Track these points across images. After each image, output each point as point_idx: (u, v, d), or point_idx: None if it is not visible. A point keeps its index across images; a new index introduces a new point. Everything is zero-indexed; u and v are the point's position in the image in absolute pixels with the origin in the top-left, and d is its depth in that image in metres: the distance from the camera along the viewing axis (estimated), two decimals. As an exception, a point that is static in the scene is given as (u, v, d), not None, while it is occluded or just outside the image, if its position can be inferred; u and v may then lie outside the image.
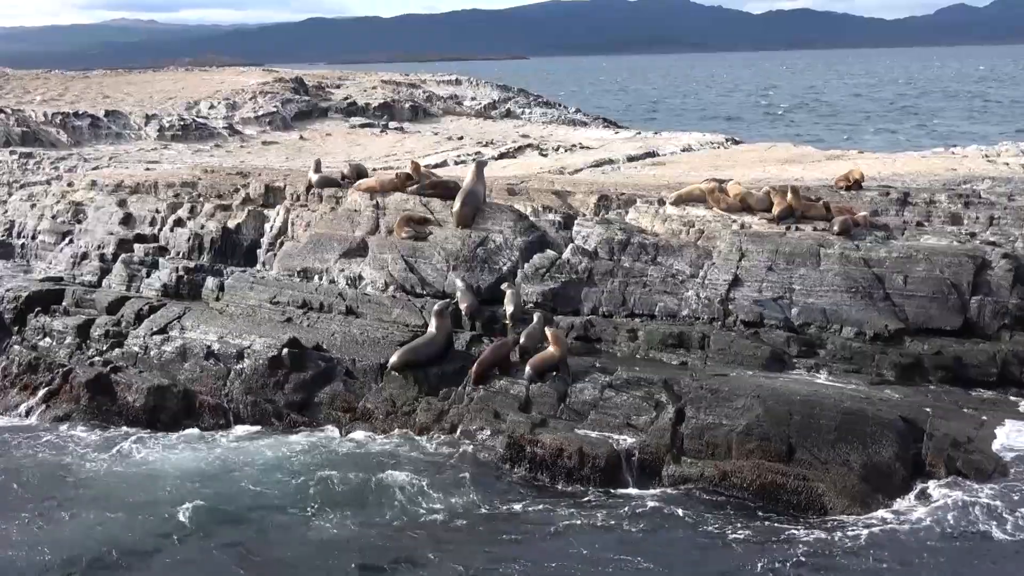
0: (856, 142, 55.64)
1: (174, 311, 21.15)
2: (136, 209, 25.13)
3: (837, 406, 15.55)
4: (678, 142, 38.14)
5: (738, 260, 19.61)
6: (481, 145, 37.14)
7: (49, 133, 35.51)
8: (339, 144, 37.74)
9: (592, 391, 17.15)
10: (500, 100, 51.72)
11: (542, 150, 36.18)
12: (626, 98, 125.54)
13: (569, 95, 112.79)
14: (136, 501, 15.72)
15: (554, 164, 31.58)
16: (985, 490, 14.45)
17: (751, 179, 24.76)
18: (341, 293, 20.98)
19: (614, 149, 35.46)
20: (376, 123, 42.76)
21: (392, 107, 46.04)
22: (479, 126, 44.64)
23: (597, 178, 27.27)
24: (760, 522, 14.44)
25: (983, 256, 18.79)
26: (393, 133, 41.07)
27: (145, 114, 38.71)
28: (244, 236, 23.52)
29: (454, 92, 52.37)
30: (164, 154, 34.36)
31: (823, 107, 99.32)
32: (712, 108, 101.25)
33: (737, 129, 64.68)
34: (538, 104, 52.60)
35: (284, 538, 14.61)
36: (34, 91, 44.38)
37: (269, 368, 19.13)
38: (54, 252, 25.19)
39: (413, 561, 13.86)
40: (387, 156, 34.28)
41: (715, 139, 39.37)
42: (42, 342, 21.54)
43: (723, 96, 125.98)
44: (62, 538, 14.68)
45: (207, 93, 44.16)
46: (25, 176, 31.29)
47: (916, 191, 22.25)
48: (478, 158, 28.89)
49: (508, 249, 20.83)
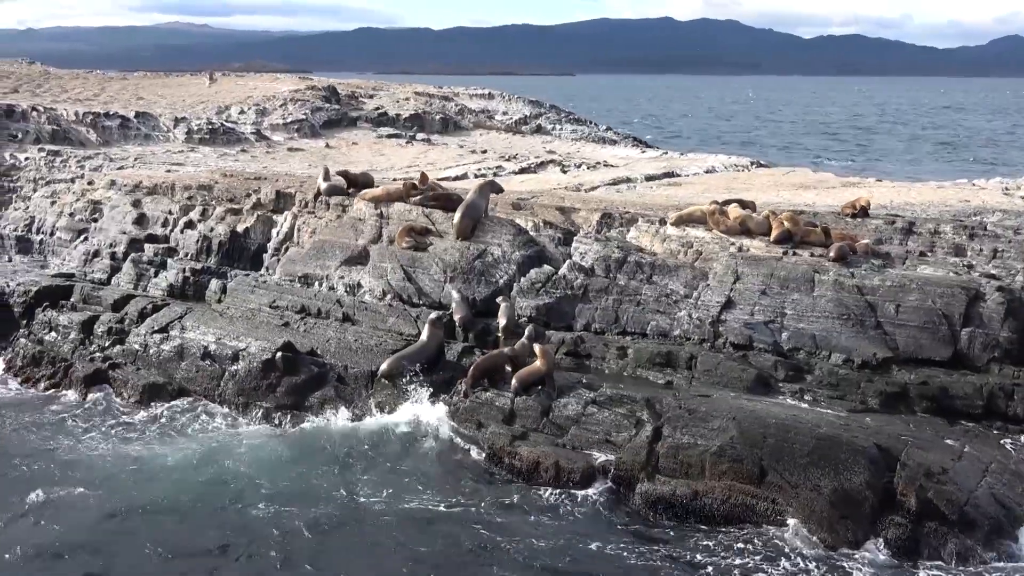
0: (900, 171, 55.06)
1: (176, 311, 21.54)
2: (150, 210, 25.58)
3: (812, 431, 15.56)
4: (703, 163, 38.28)
5: (732, 282, 19.67)
6: (504, 159, 37.38)
7: (79, 132, 36.11)
8: (364, 153, 38.10)
9: (575, 406, 17.28)
10: (531, 116, 51.99)
11: (564, 166, 36.36)
12: (666, 117, 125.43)
13: (607, 113, 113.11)
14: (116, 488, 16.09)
15: (571, 181, 31.78)
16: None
17: (762, 202, 24.80)
18: (339, 300, 21.26)
19: (637, 168, 35.60)
20: (403, 134, 43.14)
21: (423, 119, 46.41)
22: (507, 140, 44.89)
23: (610, 196, 27.41)
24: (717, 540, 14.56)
25: (977, 288, 18.73)
26: (419, 144, 41.43)
27: (174, 117, 39.31)
28: (252, 240, 23.89)
29: (486, 106, 52.70)
30: (189, 157, 34.87)
31: (865, 133, 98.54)
32: (752, 131, 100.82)
33: (773, 153, 64.54)
34: (569, 121, 52.79)
35: (254, 527, 14.88)
36: (71, 90, 45.08)
37: (262, 371, 19.45)
38: (69, 249, 25.70)
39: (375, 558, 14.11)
40: (409, 167, 34.58)
41: (740, 162, 39.42)
42: (48, 336, 22.00)
43: (767, 119, 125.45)
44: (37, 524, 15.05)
45: (239, 98, 44.74)
46: (51, 173, 31.88)
47: (922, 221, 22.22)
48: (493, 175, 29.13)
49: (506, 263, 21.01)
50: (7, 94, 41.58)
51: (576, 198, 25.49)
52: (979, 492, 14.92)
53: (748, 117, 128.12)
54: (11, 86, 44.56)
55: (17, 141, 34.07)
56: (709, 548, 14.38)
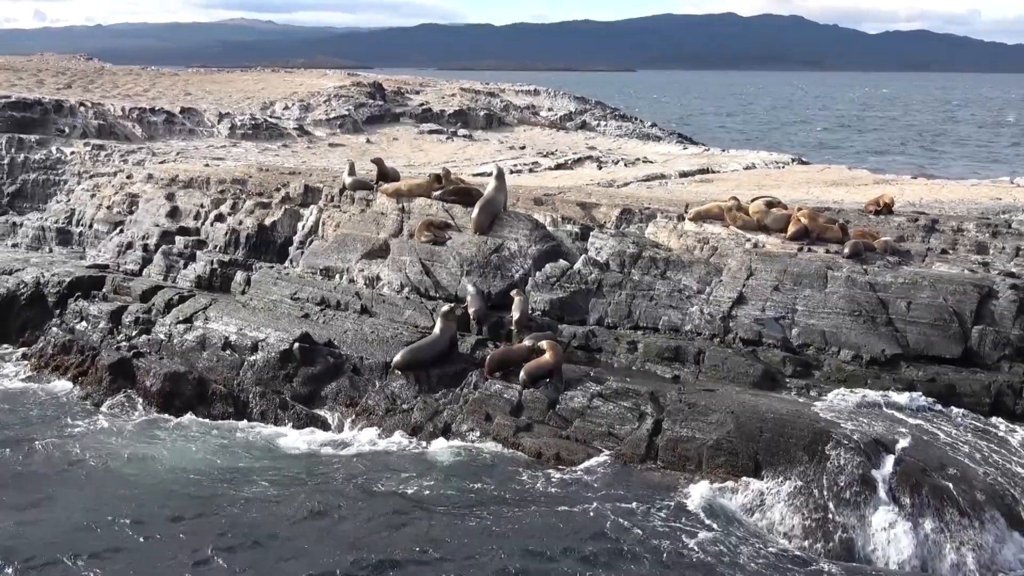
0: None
1: (201, 302, 22.10)
2: (183, 203, 26.19)
3: (810, 425, 15.63)
4: (743, 160, 38.28)
5: (745, 278, 19.75)
6: (541, 155, 37.63)
7: (125, 127, 36.95)
8: (403, 149, 38.56)
9: (581, 399, 17.49)
10: (576, 112, 52.14)
11: (601, 162, 36.53)
12: (722, 113, 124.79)
13: (659, 108, 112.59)
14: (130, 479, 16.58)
15: (605, 176, 31.92)
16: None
17: (791, 199, 24.79)
18: (358, 292, 21.65)
19: (676, 165, 35.68)
20: (445, 130, 43.52)
21: (467, 115, 46.75)
22: (550, 137, 45.11)
23: (639, 192, 27.53)
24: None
25: (990, 286, 18.64)
26: (459, 140, 41.80)
27: (219, 112, 40.05)
28: (279, 233, 24.38)
29: (531, 102, 52.96)
30: (231, 151, 35.53)
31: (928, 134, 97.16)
32: (811, 127, 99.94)
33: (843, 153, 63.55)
34: (614, 117, 52.88)
35: (258, 522, 15.26)
36: (122, 86, 46.06)
37: (280, 361, 19.90)
38: (105, 241, 26.37)
39: (381, 552, 14.41)
40: (446, 162, 34.91)
41: (780, 159, 39.36)
42: (79, 325, 22.68)
43: (835, 114, 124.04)
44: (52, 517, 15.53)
45: (284, 94, 45.45)
46: (95, 167, 32.69)
47: (945, 218, 22.08)
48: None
49: (522, 257, 21.26)
50: (60, 89, 42.65)
51: (602, 194, 25.64)
52: (977, 487, 14.86)
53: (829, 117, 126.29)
54: (65, 82, 45.64)
55: (64, 136, 34.97)
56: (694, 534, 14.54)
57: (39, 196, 32.40)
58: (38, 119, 35.38)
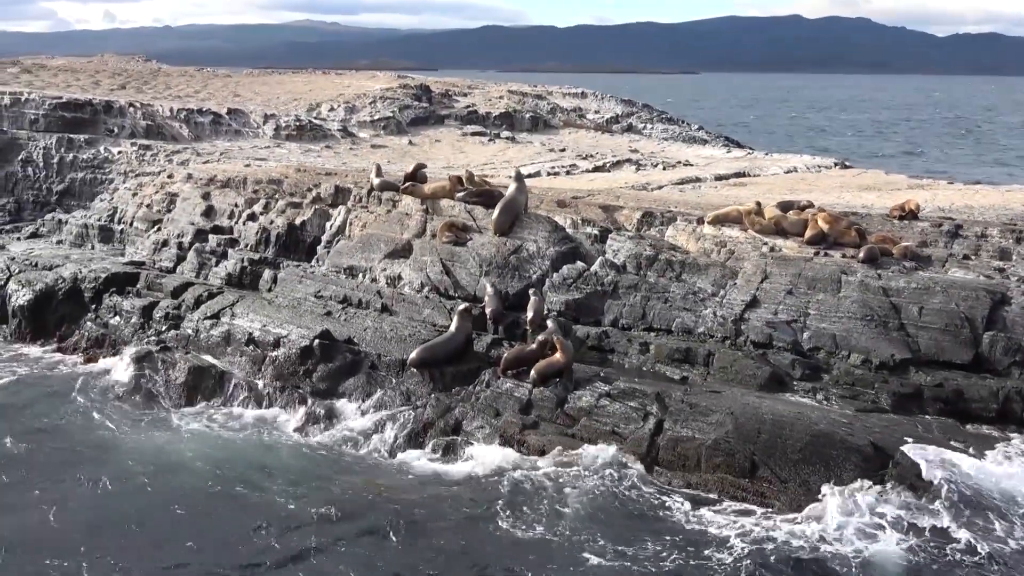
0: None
1: (229, 299, 22.68)
2: (218, 202, 26.81)
3: (809, 428, 15.77)
4: (785, 163, 38.18)
5: (760, 282, 19.88)
6: (580, 157, 37.87)
7: (172, 127, 37.79)
8: (445, 151, 38.99)
9: (589, 398, 17.76)
10: (623, 115, 52.26)
11: (640, 165, 36.66)
12: (784, 116, 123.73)
13: (713, 111, 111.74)
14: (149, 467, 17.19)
15: (640, 179, 32.06)
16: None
17: (822, 204, 24.80)
18: (379, 291, 22.08)
19: (714, 168, 35.69)
20: (488, 132, 43.86)
21: (512, 117, 47.05)
22: (595, 139, 45.28)
23: (670, 195, 27.66)
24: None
25: (1003, 292, 18.61)
26: (501, 142, 42.13)
27: (264, 113, 40.78)
28: (308, 233, 24.89)
29: (578, 105, 53.17)
30: (274, 152, 36.20)
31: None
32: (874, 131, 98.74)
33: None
34: (660, 120, 52.87)
35: (271, 516, 15.76)
36: (175, 87, 47.04)
37: (300, 357, 20.40)
38: (143, 238, 27.07)
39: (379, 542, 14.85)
40: (485, 164, 35.30)
41: (824, 162, 39.22)
42: (112, 320, 23.38)
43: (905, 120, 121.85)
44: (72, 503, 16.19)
45: (331, 96, 46.11)
46: (141, 167, 33.57)
47: (969, 224, 22.01)
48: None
49: (540, 258, 21.55)
50: (113, 90, 43.72)
51: (629, 196, 25.83)
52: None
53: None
54: (120, 83, 46.76)
55: (113, 136, 35.90)
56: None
57: (86, 194, 33.38)
58: (88, 119, 36.36)
